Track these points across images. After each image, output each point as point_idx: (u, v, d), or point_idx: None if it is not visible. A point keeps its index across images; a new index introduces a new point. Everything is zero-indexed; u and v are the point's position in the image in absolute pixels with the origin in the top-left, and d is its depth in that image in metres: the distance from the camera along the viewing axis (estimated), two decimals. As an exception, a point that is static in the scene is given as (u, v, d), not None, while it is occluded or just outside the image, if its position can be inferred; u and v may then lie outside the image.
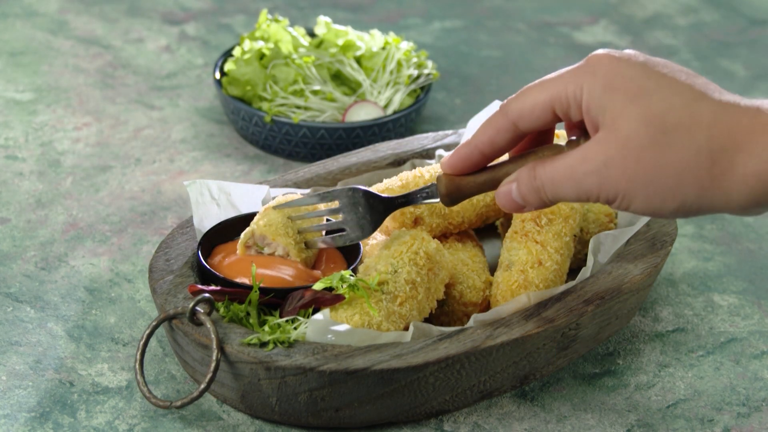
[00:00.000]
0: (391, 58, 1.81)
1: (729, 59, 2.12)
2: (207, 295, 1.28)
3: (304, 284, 1.32)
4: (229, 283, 1.32)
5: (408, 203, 1.32)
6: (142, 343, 1.29)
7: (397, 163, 1.56)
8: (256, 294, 1.29)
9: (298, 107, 1.75)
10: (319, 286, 1.29)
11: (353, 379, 1.24)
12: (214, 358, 1.24)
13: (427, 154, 1.58)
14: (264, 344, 1.26)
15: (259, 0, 2.20)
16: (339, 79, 1.80)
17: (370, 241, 1.43)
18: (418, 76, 1.82)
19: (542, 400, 1.35)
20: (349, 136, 1.71)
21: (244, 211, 1.45)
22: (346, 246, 1.39)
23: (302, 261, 1.35)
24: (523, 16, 2.22)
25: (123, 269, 1.52)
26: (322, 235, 1.37)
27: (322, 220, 1.38)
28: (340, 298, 1.28)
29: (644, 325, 1.47)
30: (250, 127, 1.74)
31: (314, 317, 1.26)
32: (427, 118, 1.88)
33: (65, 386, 1.34)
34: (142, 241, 1.57)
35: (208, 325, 1.26)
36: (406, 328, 1.30)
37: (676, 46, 2.16)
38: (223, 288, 1.31)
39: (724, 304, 1.51)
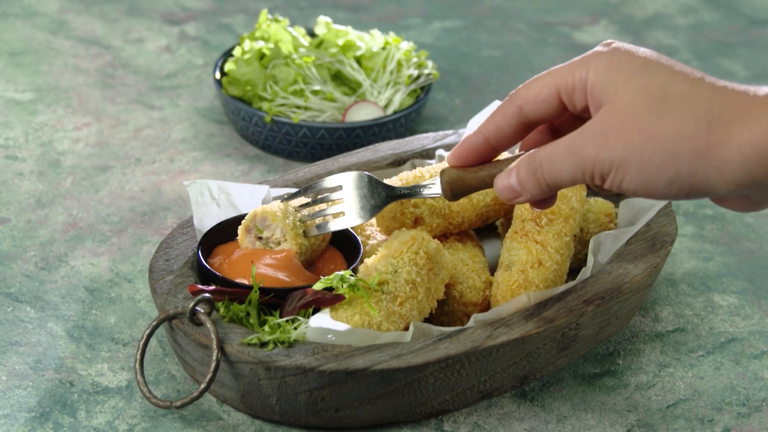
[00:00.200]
0: (391, 58, 1.81)
1: (729, 59, 2.12)
2: (207, 295, 1.28)
3: (304, 284, 1.32)
4: (229, 283, 1.32)
5: (410, 195, 1.32)
6: (142, 343, 1.29)
7: (397, 163, 1.56)
8: (256, 294, 1.29)
9: (298, 107, 1.75)
10: (319, 286, 1.29)
11: (353, 379, 1.24)
12: (214, 358, 1.24)
13: (427, 154, 1.58)
14: (264, 344, 1.25)
15: (259, 0, 2.20)
16: (339, 79, 1.80)
17: (370, 241, 1.43)
18: (418, 76, 1.82)
19: (542, 400, 1.35)
20: (349, 136, 1.71)
21: (244, 211, 1.44)
22: (346, 246, 1.39)
23: (303, 253, 1.35)
24: (523, 16, 2.22)
25: (123, 269, 1.52)
26: (322, 221, 1.36)
27: (324, 210, 1.38)
28: (340, 298, 1.28)
29: (644, 325, 1.47)
30: (250, 127, 1.74)
31: (314, 317, 1.26)
32: (427, 118, 1.88)
33: (65, 386, 1.34)
34: (142, 241, 1.57)
35: (208, 325, 1.26)
36: (406, 328, 1.30)
37: (676, 46, 2.16)
38: (223, 288, 1.30)
39: (724, 304, 1.51)
